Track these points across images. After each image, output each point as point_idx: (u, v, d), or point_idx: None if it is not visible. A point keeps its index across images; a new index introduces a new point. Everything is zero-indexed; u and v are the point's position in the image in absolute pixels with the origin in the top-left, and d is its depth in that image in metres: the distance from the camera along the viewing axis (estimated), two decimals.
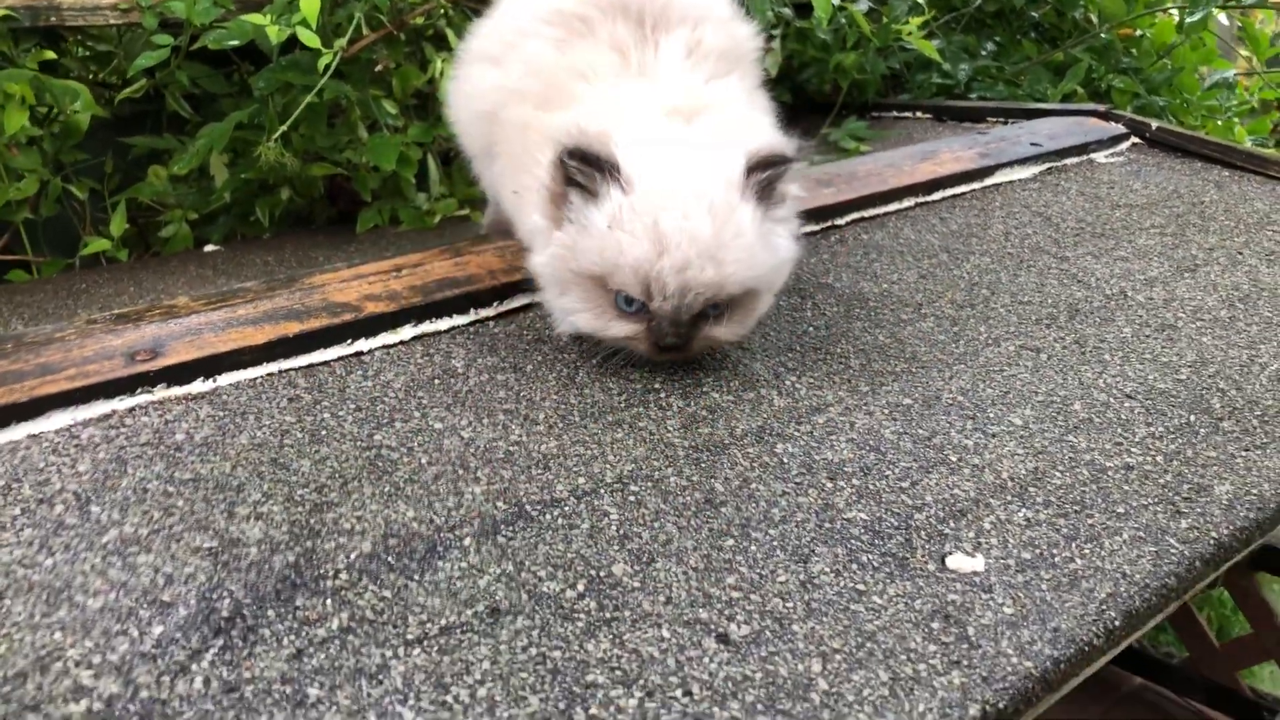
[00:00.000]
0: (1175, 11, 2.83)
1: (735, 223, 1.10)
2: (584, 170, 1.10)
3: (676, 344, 1.13)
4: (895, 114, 2.53)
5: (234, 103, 1.98)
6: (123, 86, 1.95)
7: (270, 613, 0.82)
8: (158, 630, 0.80)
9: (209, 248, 1.97)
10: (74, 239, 1.95)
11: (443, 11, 2.03)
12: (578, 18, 1.25)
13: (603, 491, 0.99)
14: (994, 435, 1.11)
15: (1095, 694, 2.17)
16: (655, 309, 1.11)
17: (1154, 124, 2.11)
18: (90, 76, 2.06)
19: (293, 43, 1.74)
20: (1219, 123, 2.86)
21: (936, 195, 1.78)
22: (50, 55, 1.84)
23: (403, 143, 1.90)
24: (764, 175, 1.13)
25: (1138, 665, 2.20)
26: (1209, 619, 2.58)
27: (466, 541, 0.92)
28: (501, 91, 1.29)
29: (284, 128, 1.81)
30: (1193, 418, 1.17)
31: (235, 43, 1.80)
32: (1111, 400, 1.19)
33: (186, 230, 1.96)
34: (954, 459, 1.07)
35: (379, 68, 2.01)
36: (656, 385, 1.18)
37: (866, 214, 1.68)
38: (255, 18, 1.74)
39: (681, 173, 1.11)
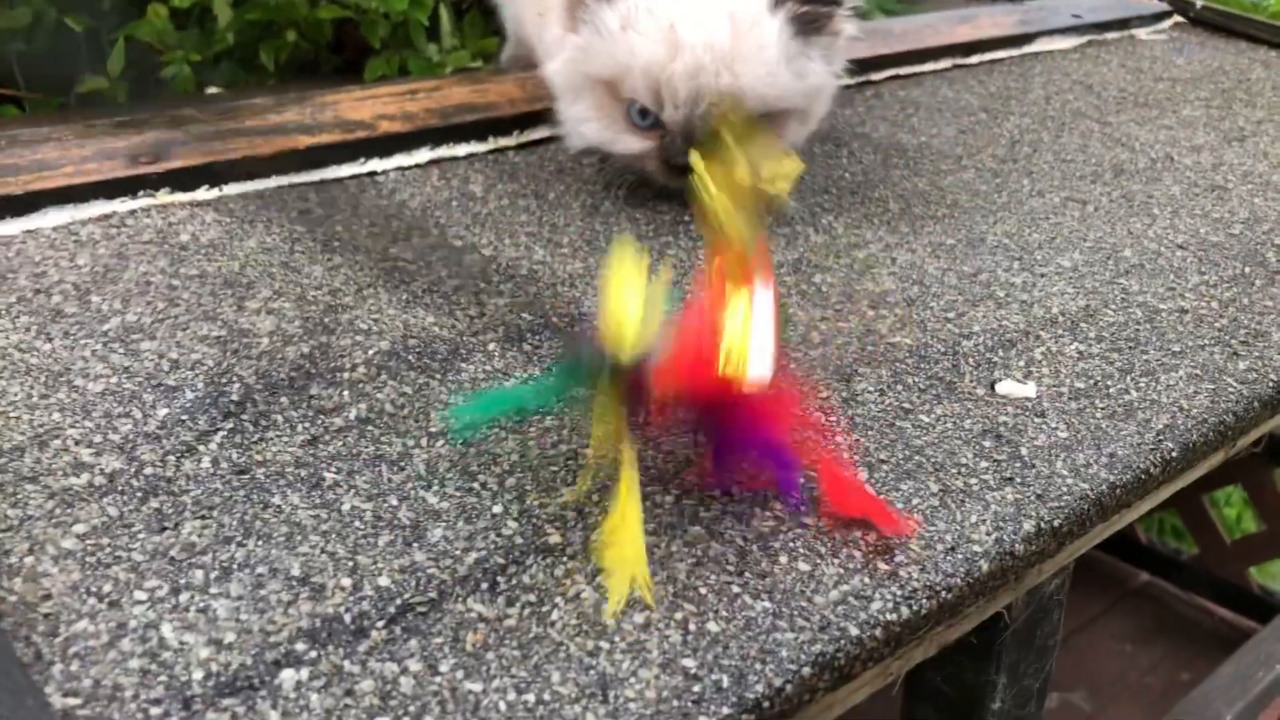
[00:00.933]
0: None
1: (758, 35, 1.05)
2: None
3: (689, 164, 1.07)
4: None
5: None
6: None
7: (284, 399, 0.77)
8: (163, 412, 0.75)
9: (211, 90, 1.88)
10: (69, 78, 1.86)
11: None
12: None
13: None
14: (1042, 275, 1.06)
15: (1100, 588, 2.15)
16: (667, 120, 1.06)
17: (1198, 2, 2.02)
18: None
19: None
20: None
21: (974, 59, 1.70)
22: None
23: None
24: (804, 8, 1.08)
25: (1144, 561, 2.18)
26: None
27: (490, 347, 0.86)
28: None
29: None
30: (1247, 269, 1.11)
31: None
32: (1163, 249, 1.13)
33: (188, 72, 1.86)
34: (1001, 294, 1.01)
35: None
36: (686, 218, 1.12)
37: (902, 71, 1.60)
38: None
39: None
